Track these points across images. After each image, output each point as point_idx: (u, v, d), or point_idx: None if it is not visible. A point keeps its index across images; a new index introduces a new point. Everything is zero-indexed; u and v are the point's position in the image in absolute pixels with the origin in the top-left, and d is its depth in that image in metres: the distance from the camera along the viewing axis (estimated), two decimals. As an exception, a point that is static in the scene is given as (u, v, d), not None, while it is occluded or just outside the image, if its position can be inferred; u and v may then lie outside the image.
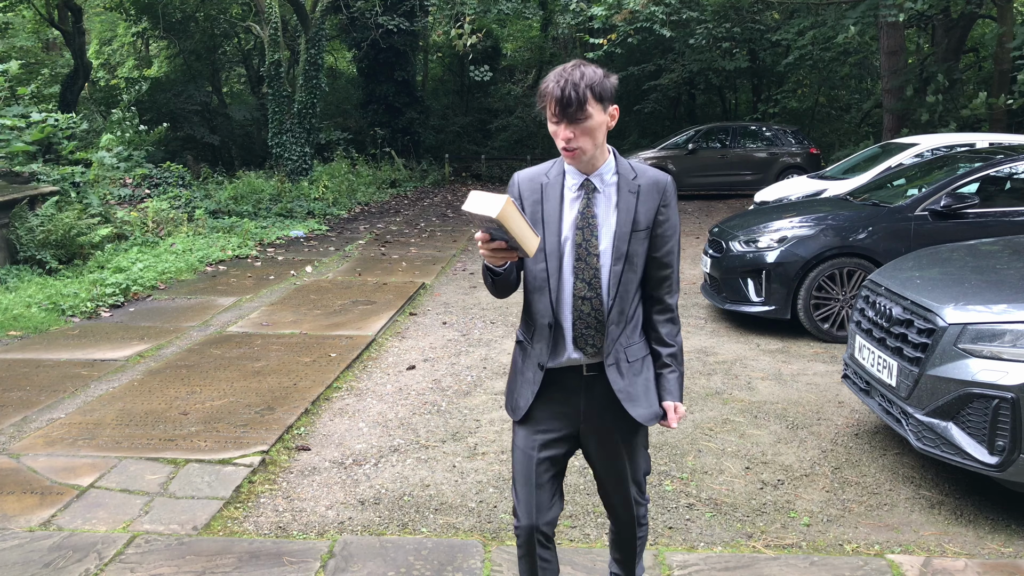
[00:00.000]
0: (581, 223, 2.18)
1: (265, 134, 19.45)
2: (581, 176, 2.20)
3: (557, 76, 2.08)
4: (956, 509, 3.60)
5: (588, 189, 2.19)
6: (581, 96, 2.04)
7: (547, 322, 2.21)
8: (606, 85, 2.09)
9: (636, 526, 2.46)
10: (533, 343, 2.27)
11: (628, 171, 2.22)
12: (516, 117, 25.53)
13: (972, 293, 3.69)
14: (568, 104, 2.04)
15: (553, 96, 2.06)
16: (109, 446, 4.16)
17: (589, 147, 2.12)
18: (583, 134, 2.09)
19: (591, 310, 2.19)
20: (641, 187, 2.20)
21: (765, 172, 16.21)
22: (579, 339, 2.21)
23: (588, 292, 2.19)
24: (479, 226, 2.00)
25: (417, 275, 9.09)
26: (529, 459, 2.29)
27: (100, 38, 26.08)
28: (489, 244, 2.01)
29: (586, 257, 2.18)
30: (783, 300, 6.35)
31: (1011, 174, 6.51)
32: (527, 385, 2.27)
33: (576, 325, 2.20)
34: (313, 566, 3.07)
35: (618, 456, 2.32)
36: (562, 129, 2.09)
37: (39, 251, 8.61)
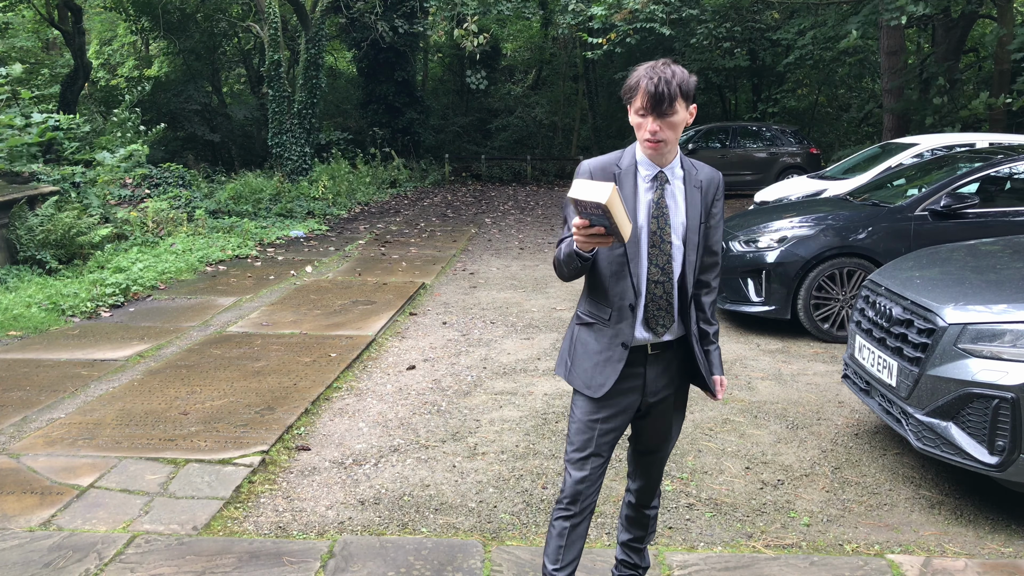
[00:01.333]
0: (656, 212, 2.35)
1: (265, 134, 19.46)
2: (655, 168, 2.36)
3: (649, 72, 2.24)
4: (956, 509, 3.60)
5: (661, 180, 2.36)
6: (672, 93, 2.21)
7: (629, 303, 2.38)
8: (691, 84, 2.27)
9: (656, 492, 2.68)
10: (611, 323, 2.41)
11: (691, 167, 2.42)
12: (516, 117, 25.53)
13: (972, 293, 3.69)
14: (660, 100, 2.21)
15: (647, 91, 2.22)
16: (109, 446, 4.16)
17: (671, 140, 2.30)
18: (668, 128, 2.27)
19: (663, 293, 2.38)
20: (703, 182, 2.42)
21: (765, 172, 16.21)
22: (651, 319, 2.39)
23: (661, 276, 2.37)
24: (581, 213, 2.10)
25: (417, 275, 9.09)
26: (591, 431, 2.46)
27: (100, 38, 26.08)
28: (588, 230, 2.13)
29: (660, 244, 2.36)
30: (783, 300, 6.35)
31: (1011, 174, 6.51)
32: (611, 363, 2.41)
33: (648, 307, 2.38)
34: (313, 566, 3.07)
35: (669, 423, 2.57)
36: (649, 122, 2.26)
37: (39, 251, 8.61)
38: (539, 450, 4.22)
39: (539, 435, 4.42)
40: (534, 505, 3.62)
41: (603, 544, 3.28)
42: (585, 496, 2.49)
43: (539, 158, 24.07)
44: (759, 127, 17.76)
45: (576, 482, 2.48)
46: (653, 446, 2.61)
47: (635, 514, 2.69)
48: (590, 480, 2.48)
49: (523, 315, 7.23)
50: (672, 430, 2.60)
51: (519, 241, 11.99)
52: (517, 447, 4.27)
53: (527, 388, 5.21)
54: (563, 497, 2.51)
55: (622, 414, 2.47)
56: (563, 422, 4.60)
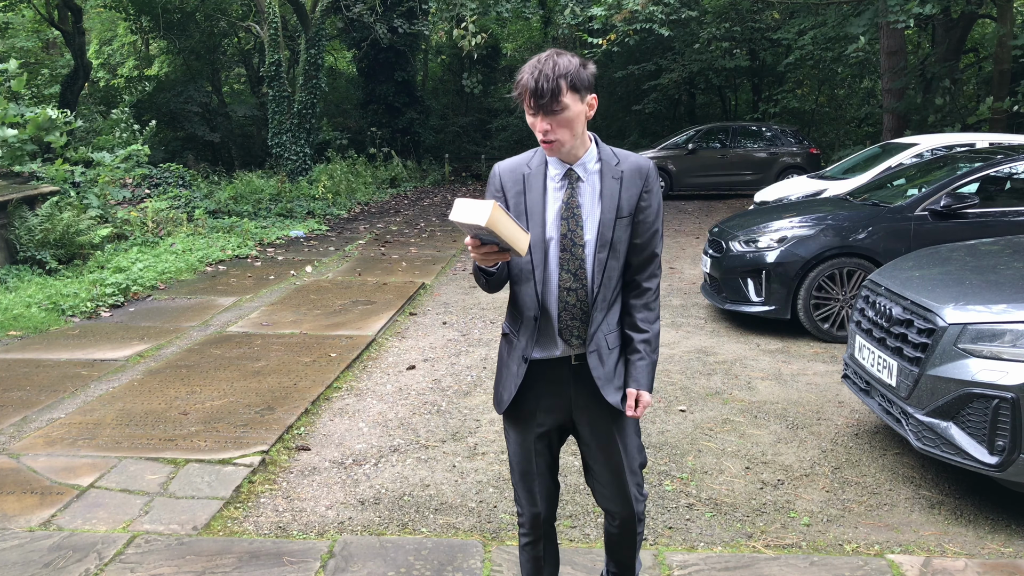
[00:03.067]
0: (566, 214, 2.16)
1: (265, 134, 19.46)
2: (564, 166, 2.17)
3: (531, 67, 2.04)
4: (956, 509, 3.60)
5: (572, 179, 2.17)
6: (555, 87, 2.00)
7: (532, 314, 2.20)
8: (582, 75, 2.04)
9: (635, 522, 2.41)
10: (519, 335, 2.25)
11: (611, 157, 2.19)
12: (516, 117, 25.51)
13: (972, 293, 3.69)
14: (542, 96, 2.01)
15: (527, 88, 2.03)
16: (109, 446, 4.16)
17: (567, 138, 2.09)
18: (560, 125, 2.06)
19: (576, 301, 2.18)
20: (624, 173, 2.18)
21: (765, 172, 16.21)
22: (564, 330, 2.20)
23: (574, 283, 2.17)
24: (468, 232, 1.97)
25: (417, 275, 9.09)
26: (526, 452, 2.32)
27: (100, 38, 26.08)
28: (480, 249, 2.00)
29: (572, 248, 2.16)
30: (783, 300, 6.35)
31: (1011, 174, 6.51)
32: (511, 378, 2.26)
33: (562, 316, 2.19)
34: (313, 566, 3.07)
35: (611, 444, 2.30)
36: (539, 121, 2.06)
37: (39, 251, 8.61)
38: (539, 450, 4.22)
39: (539, 435, 4.42)
40: (534, 505, 3.62)
41: (601, 544, 3.28)
42: (545, 519, 2.39)
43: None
44: (759, 127, 17.76)
45: (530, 506, 2.36)
46: (604, 478, 2.34)
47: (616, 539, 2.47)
48: (542, 501, 2.36)
49: (523, 315, 7.23)
50: (618, 449, 2.29)
51: (519, 241, 11.98)
52: (517, 447, 4.26)
53: (527, 388, 5.21)
54: (523, 522, 2.41)
55: (549, 434, 2.31)
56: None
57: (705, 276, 7.28)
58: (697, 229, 12.48)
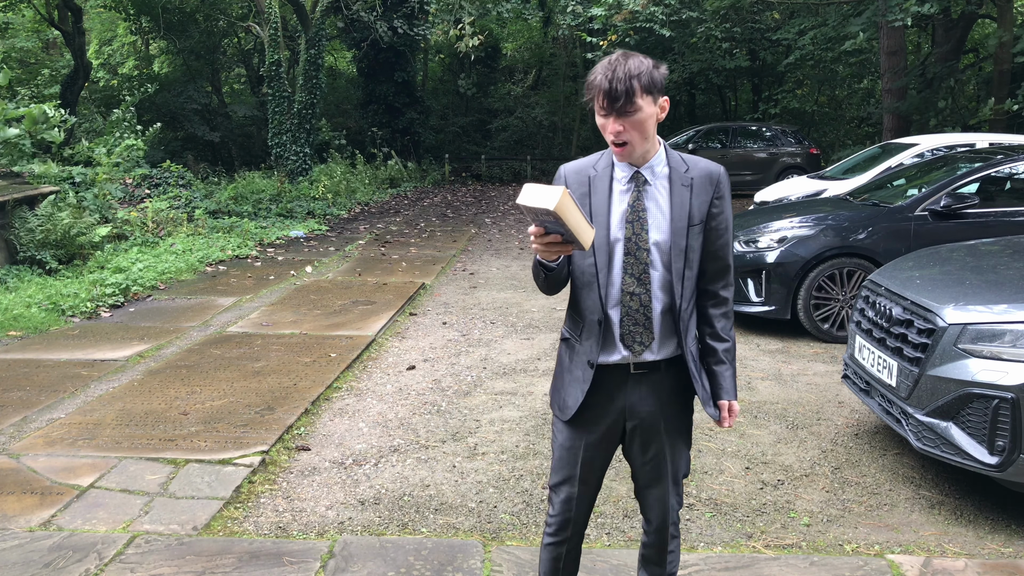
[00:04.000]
0: (631, 217, 2.13)
1: (265, 134, 19.46)
2: (631, 169, 2.14)
3: (604, 68, 2.02)
4: (956, 509, 3.60)
5: (639, 182, 2.14)
6: (629, 88, 1.98)
7: (596, 318, 2.16)
8: (655, 76, 2.03)
9: (668, 532, 2.37)
10: (582, 340, 2.21)
11: (680, 163, 2.16)
12: (516, 117, 25.53)
13: (972, 293, 3.69)
14: (616, 98, 1.99)
15: (601, 89, 2.01)
16: (109, 446, 4.16)
17: (638, 140, 2.07)
18: (632, 127, 2.04)
19: (639, 306, 2.14)
20: (694, 180, 2.15)
21: (765, 172, 16.22)
22: (626, 336, 2.15)
23: (637, 288, 2.13)
24: (533, 219, 1.93)
25: (417, 275, 9.09)
26: (573, 457, 2.26)
27: (100, 38, 26.07)
28: (543, 238, 1.95)
29: (636, 252, 2.12)
30: (783, 300, 6.35)
31: (1011, 174, 6.51)
32: (576, 384, 2.21)
33: (624, 322, 2.15)
34: (313, 566, 3.07)
35: (661, 454, 2.27)
36: (611, 123, 2.04)
37: (39, 251, 8.61)
38: (539, 450, 4.22)
39: (539, 435, 4.42)
40: (534, 505, 3.62)
41: (603, 544, 3.28)
42: (574, 523, 2.33)
43: (539, 158, 24.07)
44: (759, 127, 17.78)
45: (563, 509, 2.31)
46: (646, 480, 2.31)
47: (650, 553, 2.42)
48: (578, 507, 2.30)
49: (523, 315, 7.23)
50: (666, 462, 2.27)
51: (519, 241, 11.99)
52: (517, 447, 4.27)
53: (527, 388, 5.21)
54: (552, 522, 2.35)
55: (605, 440, 2.25)
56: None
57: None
58: (697, 229, 12.46)
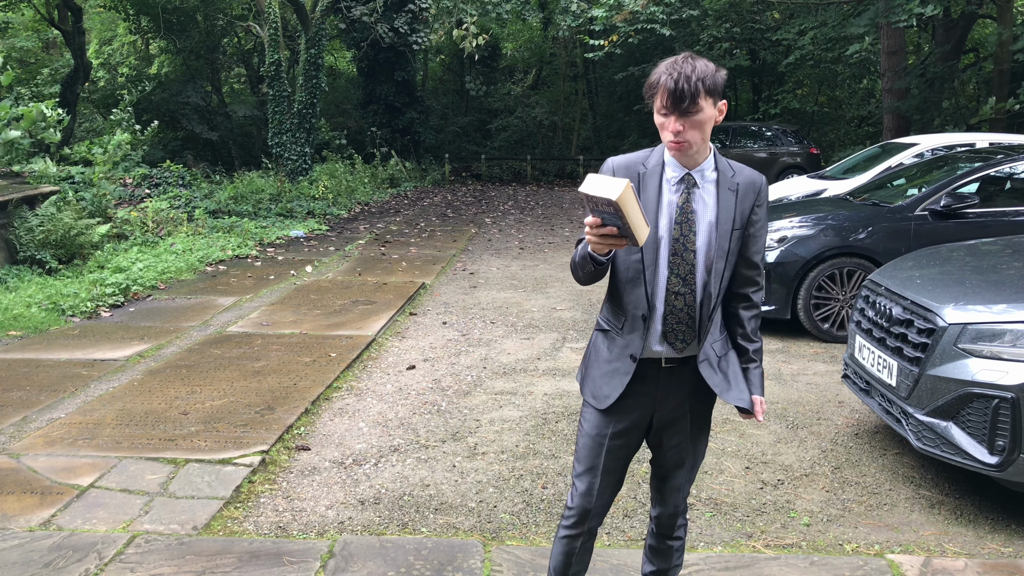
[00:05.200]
0: (680, 218, 2.17)
1: (265, 133, 19.46)
2: (682, 170, 2.19)
3: (669, 68, 2.07)
4: (956, 509, 3.60)
5: (689, 184, 2.19)
6: (694, 89, 2.04)
7: (641, 314, 2.22)
8: (717, 79, 2.08)
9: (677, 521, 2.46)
10: (623, 333, 2.26)
11: (727, 169, 2.23)
12: (516, 117, 25.53)
13: (972, 293, 3.69)
14: (681, 98, 2.04)
15: (666, 88, 2.06)
16: (109, 446, 4.16)
17: (697, 140, 2.12)
18: (692, 127, 2.09)
19: (684, 305, 2.20)
20: (740, 185, 2.22)
21: (765, 172, 16.17)
22: (669, 333, 2.21)
23: (682, 287, 2.19)
24: (593, 210, 1.95)
25: (417, 275, 9.09)
26: (599, 446, 2.31)
27: (100, 38, 26.07)
28: (600, 230, 1.97)
29: (682, 252, 2.18)
30: (783, 300, 6.35)
31: (1011, 174, 6.51)
32: (617, 375, 2.26)
33: (667, 319, 2.21)
34: (313, 566, 3.07)
35: (686, 445, 2.36)
36: (671, 122, 2.09)
37: (39, 251, 8.61)
38: (539, 450, 4.22)
39: (539, 435, 4.42)
40: (534, 505, 3.62)
41: (603, 544, 3.28)
42: (594, 515, 2.36)
43: (539, 158, 24.08)
44: (759, 127, 17.77)
45: (583, 500, 2.34)
46: (667, 470, 2.40)
47: (657, 544, 2.50)
48: (599, 498, 2.34)
49: (523, 315, 7.23)
50: (688, 453, 2.38)
51: (519, 241, 11.99)
52: (517, 447, 4.27)
53: (527, 388, 5.21)
54: (570, 514, 2.37)
55: (632, 430, 2.32)
56: (563, 422, 4.60)
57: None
58: (697, 229, 12.46)
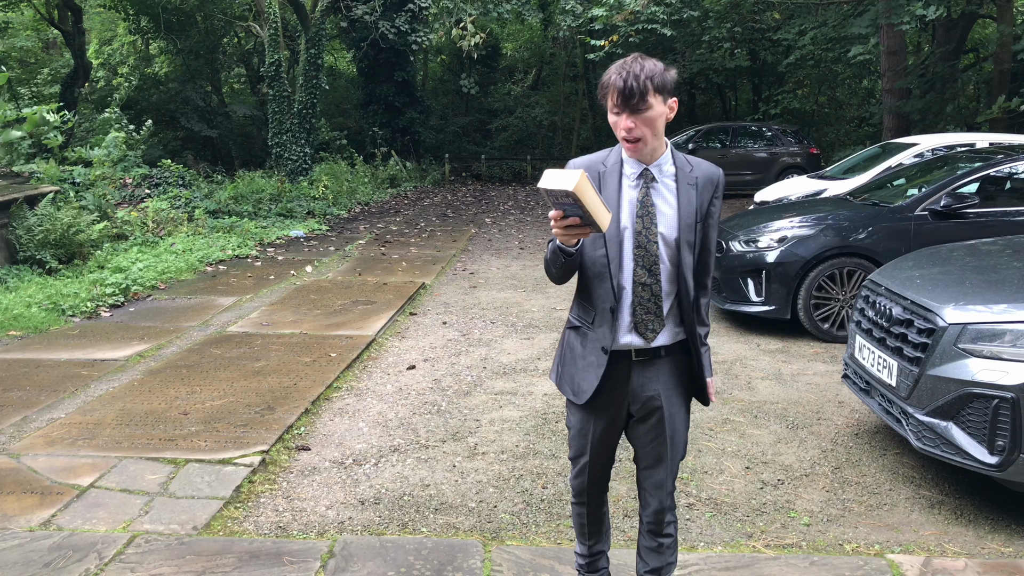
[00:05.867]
0: (640, 211, 2.27)
1: (265, 133, 19.45)
2: (640, 166, 2.29)
3: (619, 68, 2.19)
4: (956, 509, 3.60)
5: (647, 178, 2.29)
6: (642, 87, 2.14)
7: (609, 306, 2.30)
8: (666, 78, 2.19)
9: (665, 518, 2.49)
10: (594, 327, 2.35)
11: (685, 164, 2.32)
12: (516, 117, 25.52)
13: (972, 293, 3.69)
14: (631, 95, 2.14)
15: (616, 87, 2.16)
16: (109, 446, 4.16)
17: (649, 137, 2.22)
18: (643, 124, 2.19)
19: (650, 296, 2.29)
20: (699, 180, 2.31)
21: (765, 172, 16.22)
22: (639, 324, 2.30)
23: (648, 278, 2.28)
24: (553, 203, 2.06)
25: (417, 275, 9.09)
26: (585, 437, 2.45)
27: (100, 38, 26.07)
28: (563, 221, 2.08)
29: (646, 244, 2.27)
30: (783, 300, 6.35)
31: (1011, 174, 6.51)
32: (591, 369, 2.35)
33: (636, 311, 2.30)
34: (313, 566, 3.07)
35: (662, 435, 2.41)
36: (623, 119, 2.19)
37: (39, 251, 8.61)
38: (539, 450, 4.23)
39: (539, 435, 4.42)
40: (534, 505, 3.62)
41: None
42: (592, 493, 2.55)
43: (539, 158, 24.06)
44: (759, 127, 17.77)
45: (578, 480, 2.54)
46: (647, 463, 2.46)
47: (648, 543, 2.55)
48: (591, 475, 2.51)
49: (523, 315, 7.24)
50: (667, 442, 2.42)
51: (519, 241, 11.99)
52: (517, 447, 4.27)
53: (527, 388, 5.21)
54: (572, 487, 2.60)
55: (614, 420, 2.42)
56: (563, 422, 4.60)
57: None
58: (697, 229, 12.46)
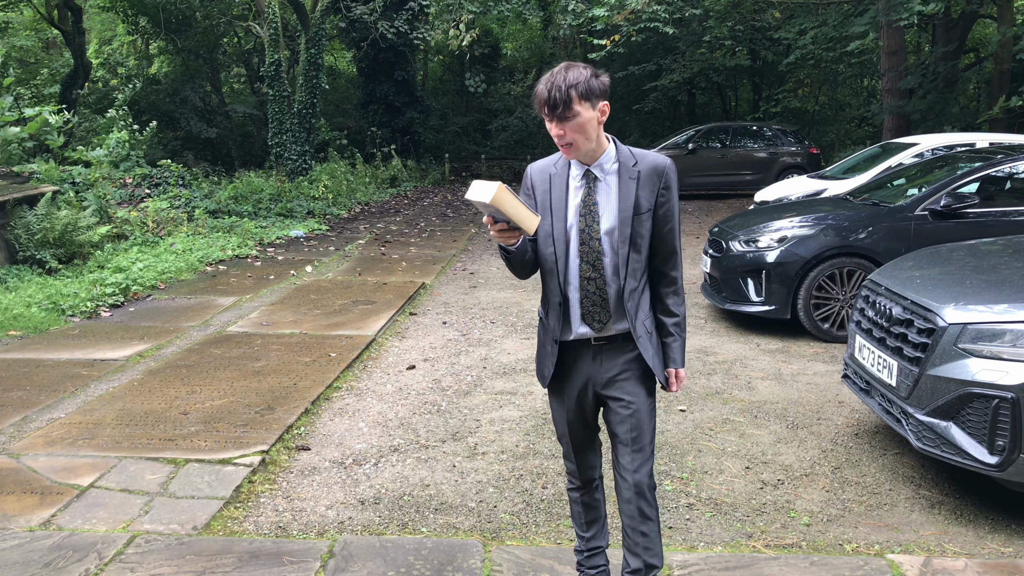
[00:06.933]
0: (583, 210, 2.41)
1: (265, 133, 19.45)
2: (583, 167, 2.42)
3: (546, 80, 2.29)
4: (956, 509, 3.60)
5: (589, 179, 2.42)
6: (565, 97, 2.24)
7: (557, 300, 2.48)
8: (592, 84, 2.28)
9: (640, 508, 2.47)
10: (548, 319, 2.54)
11: (628, 158, 2.43)
12: (516, 117, 25.51)
13: (972, 293, 3.69)
14: (555, 105, 2.25)
15: (541, 98, 2.29)
16: (109, 446, 4.16)
17: (582, 142, 2.33)
18: (573, 131, 2.30)
19: (596, 289, 2.44)
20: (641, 172, 2.41)
21: (765, 172, 16.20)
22: (587, 315, 2.46)
23: (592, 273, 2.42)
24: (481, 211, 2.23)
25: (417, 275, 9.09)
26: (562, 417, 2.62)
27: (100, 38, 26.06)
28: (495, 226, 2.27)
29: (589, 241, 2.41)
30: (783, 300, 6.34)
31: (1011, 174, 6.51)
32: (548, 357, 2.55)
33: (584, 303, 2.45)
34: (313, 566, 3.07)
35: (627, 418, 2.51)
36: (554, 127, 2.31)
37: (39, 251, 8.61)
38: (539, 450, 4.22)
39: (539, 435, 4.42)
40: (534, 505, 3.62)
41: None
42: (584, 470, 2.68)
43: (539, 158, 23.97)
44: (759, 127, 17.76)
45: (568, 462, 2.70)
46: (617, 445, 2.51)
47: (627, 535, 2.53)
48: (578, 457, 2.66)
49: (523, 315, 7.23)
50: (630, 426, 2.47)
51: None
52: (517, 447, 4.27)
53: (527, 388, 5.21)
54: (567, 473, 2.74)
55: (580, 402, 2.56)
56: (563, 422, 4.60)
57: (705, 276, 7.28)
58: (697, 229, 12.48)
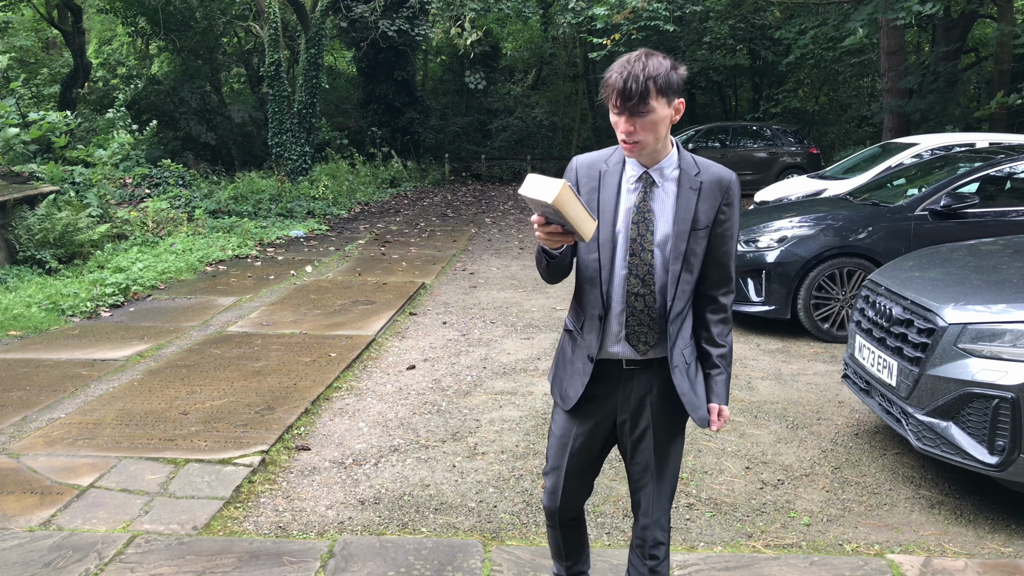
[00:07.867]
0: (637, 217, 2.12)
1: (265, 133, 19.46)
2: (641, 168, 2.14)
3: (621, 67, 2.01)
4: (956, 509, 3.60)
5: (647, 182, 2.13)
6: (643, 89, 1.97)
7: (597, 313, 2.17)
8: (672, 78, 2.01)
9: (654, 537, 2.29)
10: (583, 333, 2.22)
11: (691, 166, 2.15)
12: (516, 117, 25.52)
13: (972, 293, 3.69)
14: (630, 97, 1.98)
15: (615, 88, 2.00)
16: (109, 446, 4.16)
17: (650, 141, 2.06)
18: (644, 128, 2.03)
19: (644, 307, 2.14)
20: (703, 184, 2.14)
21: (765, 172, 16.22)
22: (632, 335, 2.16)
23: (642, 288, 2.14)
24: (535, 208, 1.95)
25: (417, 275, 9.09)
26: (564, 447, 2.30)
27: (100, 38, 26.06)
28: (545, 228, 1.96)
29: (640, 252, 2.12)
30: (783, 300, 6.35)
31: (1011, 174, 6.51)
32: (577, 376, 2.23)
33: (629, 321, 2.16)
34: (313, 566, 3.07)
35: (650, 452, 2.26)
36: (623, 122, 2.04)
37: (39, 251, 8.61)
38: (539, 450, 4.22)
39: (539, 435, 4.42)
40: (534, 505, 3.62)
41: (603, 544, 3.28)
42: (564, 512, 2.37)
43: (539, 158, 24.07)
44: (759, 127, 17.77)
45: (550, 500, 2.36)
46: (635, 478, 2.30)
47: (634, 560, 2.35)
48: (563, 499, 2.34)
49: (523, 315, 7.23)
50: (653, 460, 2.25)
51: (519, 241, 11.99)
52: (517, 447, 4.27)
53: (527, 388, 5.21)
54: (545, 511, 2.41)
55: (596, 431, 2.28)
56: (563, 422, 4.60)
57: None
58: (697, 229, 12.46)
